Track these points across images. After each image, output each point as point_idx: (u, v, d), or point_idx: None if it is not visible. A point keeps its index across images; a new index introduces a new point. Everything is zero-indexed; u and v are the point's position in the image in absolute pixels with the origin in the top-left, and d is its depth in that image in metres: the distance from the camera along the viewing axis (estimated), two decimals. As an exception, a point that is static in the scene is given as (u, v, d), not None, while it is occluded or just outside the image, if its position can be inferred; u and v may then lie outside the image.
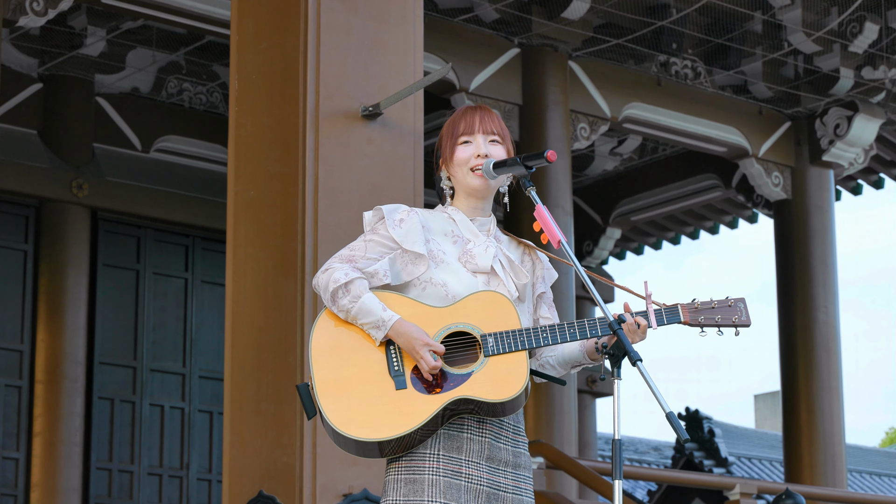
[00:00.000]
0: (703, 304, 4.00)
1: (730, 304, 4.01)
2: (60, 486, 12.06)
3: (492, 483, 3.90)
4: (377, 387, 3.83)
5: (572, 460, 10.45)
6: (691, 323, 3.97)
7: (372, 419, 3.78)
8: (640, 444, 21.38)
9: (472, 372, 3.84)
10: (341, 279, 3.89)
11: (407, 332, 3.84)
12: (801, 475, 12.93)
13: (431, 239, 4.00)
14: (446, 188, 4.09)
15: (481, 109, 4.10)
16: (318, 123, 6.93)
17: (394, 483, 3.86)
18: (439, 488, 3.81)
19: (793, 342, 13.21)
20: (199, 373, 13.24)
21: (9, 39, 11.83)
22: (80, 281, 12.43)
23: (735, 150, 13.36)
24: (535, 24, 11.88)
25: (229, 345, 7.07)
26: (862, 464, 22.39)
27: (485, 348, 3.86)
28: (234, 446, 6.95)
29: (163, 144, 13.23)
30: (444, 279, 3.95)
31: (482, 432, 3.90)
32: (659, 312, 3.97)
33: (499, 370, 3.85)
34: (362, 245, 3.98)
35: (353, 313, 3.87)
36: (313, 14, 7.01)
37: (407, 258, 3.97)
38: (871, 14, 12.46)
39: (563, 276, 11.59)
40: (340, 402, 3.81)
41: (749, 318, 3.99)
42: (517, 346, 3.87)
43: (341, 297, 3.88)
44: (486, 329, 3.88)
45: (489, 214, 4.09)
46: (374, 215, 4.04)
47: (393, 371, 3.84)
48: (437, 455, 3.84)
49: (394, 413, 3.79)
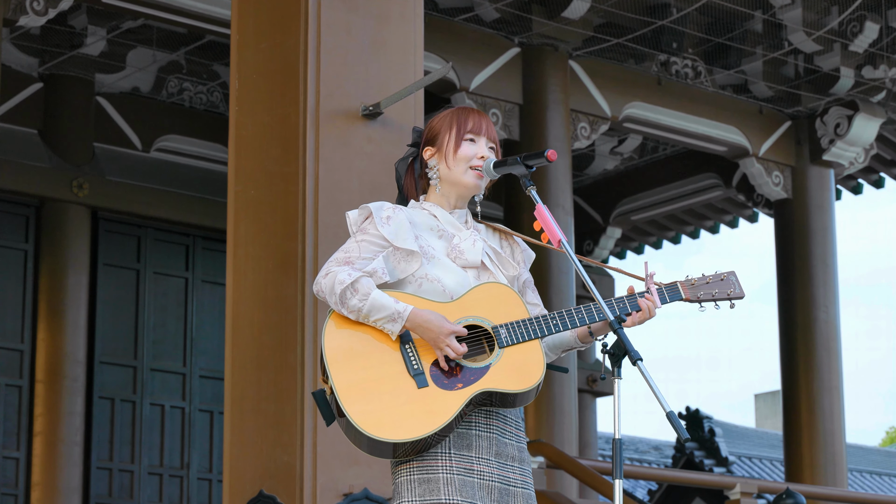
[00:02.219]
0: (699, 280, 4.05)
1: (722, 277, 4.06)
2: (61, 486, 12.06)
3: (503, 479, 3.90)
4: (399, 387, 3.79)
5: (573, 460, 10.45)
6: (691, 299, 4.02)
7: (400, 420, 3.75)
8: (641, 443, 21.38)
9: (490, 364, 3.84)
10: (346, 280, 3.86)
11: (427, 321, 3.82)
12: (802, 474, 12.93)
13: (419, 235, 3.98)
14: (433, 177, 4.07)
15: (482, 114, 4.11)
16: (318, 123, 6.93)
17: (407, 483, 3.83)
18: (455, 486, 3.80)
19: (793, 341, 13.21)
20: (199, 372, 13.24)
21: (9, 39, 11.83)
22: (81, 280, 12.43)
23: (735, 149, 13.36)
24: (535, 23, 11.88)
25: (230, 344, 7.07)
26: (862, 463, 22.39)
27: (498, 340, 3.86)
28: (234, 446, 6.95)
29: (163, 144, 13.22)
30: (439, 275, 3.94)
31: (490, 428, 3.90)
32: (661, 291, 4.02)
33: (516, 360, 3.86)
34: (355, 246, 3.96)
35: (366, 311, 3.83)
36: (314, 13, 7.01)
37: (399, 255, 3.95)
38: (871, 13, 12.46)
39: (563, 274, 11.59)
40: (366, 405, 3.76)
41: (742, 290, 4.04)
42: (530, 336, 3.88)
43: (350, 298, 3.84)
44: (495, 321, 3.89)
45: (464, 206, 4.09)
46: (360, 214, 4.03)
47: (412, 370, 3.81)
48: (449, 454, 3.83)
49: (421, 412, 3.76)
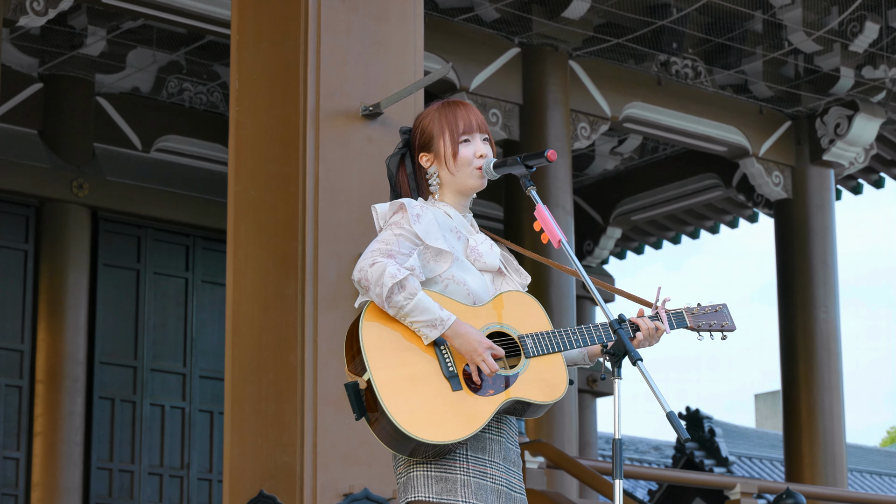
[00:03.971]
0: (699, 310, 4.11)
1: (717, 309, 4.12)
2: (61, 486, 12.05)
3: (510, 484, 3.91)
4: (435, 388, 3.78)
5: (573, 460, 10.44)
6: (694, 327, 4.08)
7: (438, 421, 3.74)
8: (641, 443, 21.37)
9: (518, 373, 3.84)
10: (398, 275, 3.75)
11: (466, 334, 3.78)
12: (802, 474, 12.93)
13: (444, 235, 3.94)
14: (434, 184, 4.04)
15: (467, 106, 4.05)
16: (318, 123, 6.93)
17: (424, 479, 3.81)
18: (471, 489, 3.81)
19: (793, 341, 13.21)
20: (199, 372, 13.24)
21: (9, 39, 11.83)
22: (81, 281, 12.43)
23: (735, 149, 13.36)
24: (535, 23, 11.88)
25: (230, 344, 7.07)
26: (862, 463, 22.39)
27: (525, 350, 3.86)
28: (234, 446, 6.95)
29: (163, 144, 13.22)
30: (464, 277, 3.92)
31: (500, 433, 3.91)
32: (670, 318, 4.05)
33: (542, 372, 3.86)
34: (395, 239, 3.84)
35: (407, 310, 3.76)
36: (314, 14, 7.01)
37: (429, 254, 3.89)
38: (871, 13, 12.46)
39: (563, 275, 11.58)
40: (404, 402, 3.74)
41: (734, 324, 4.11)
42: (554, 348, 3.88)
43: (397, 293, 3.75)
44: (521, 330, 3.88)
45: (469, 211, 4.09)
46: (390, 209, 3.93)
47: (447, 372, 3.79)
48: (466, 455, 3.83)
49: (457, 415, 3.75)
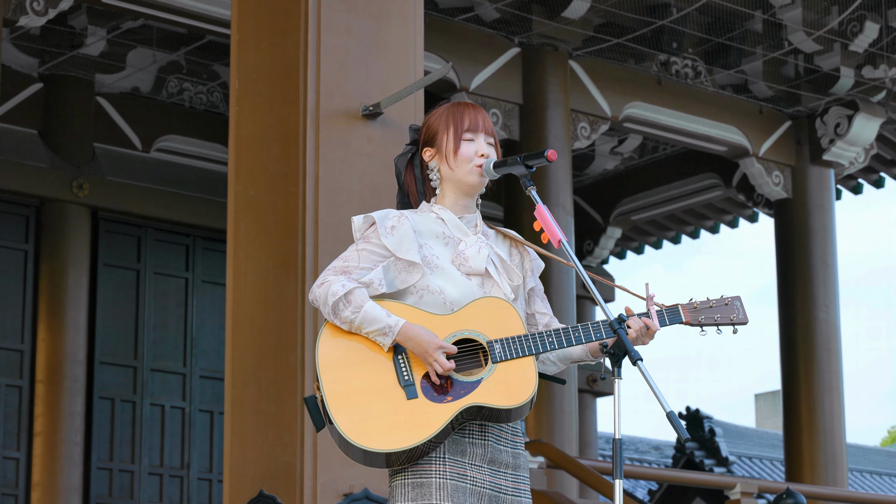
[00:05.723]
0: (702, 304, 4.03)
1: (726, 302, 4.03)
2: (61, 486, 12.05)
3: (494, 486, 3.91)
4: (388, 397, 3.80)
5: (573, 460, 10.44)
6: (692, 323, 4.00)
7: (386, 430, 3.76)
8: (641, 443, 21.38)
9: (481, 379, 3.83)
10: (339, 291, 3.85)
11: (416, 336, 3.82)
12: (802, 474, 12.93)
13: (424, 244, 3.96)
14: (434, 178, 4.06)
15: (476, 108, 4.08)
16: (318, 123, 6.93)
17: (401, 488, 3.85)
18: (447, 491, 3.81)
19: (793, 341, 13.21)
20: (199, 372, 13.24)
21: (9, 39, 11.83)
22: (81, 281, 12.42)
23: (735, 149, 13.36)
24: (535, 23, 11.88)
25: (230, 344, 7.06)
26: (863, 463, 22.39)
27: (492, 355, 3.85)
28: (234, 446, 6.95)
29: (163, 144, 13.22)
30: (441, 286, 3.93)
31: (484, 436, 3.91)
32: (661, 313, 3.99)
33: (508, 376, 3.84)
34: (355, 255, 3.94)
35: (358, 323, 3.84)
36: (314, 13, 7.01)
37: (400, 266, 3.93)
38: (871, 13, 12.46)
39: (563, 275, 11.58)
40: (353, 414, 3.78)
41: (746, 316, 4.02)
42: (524, 352, 3.86)
43: (343, 309, 3.85)
44: (491, 335, 3.87)
45: (475, 210, 4.08)
46: (364, 222, 3.99)
47: (403, 380, 3.82)
48: (443, 458, 3.84)
49: (407, 423, 3.77)
